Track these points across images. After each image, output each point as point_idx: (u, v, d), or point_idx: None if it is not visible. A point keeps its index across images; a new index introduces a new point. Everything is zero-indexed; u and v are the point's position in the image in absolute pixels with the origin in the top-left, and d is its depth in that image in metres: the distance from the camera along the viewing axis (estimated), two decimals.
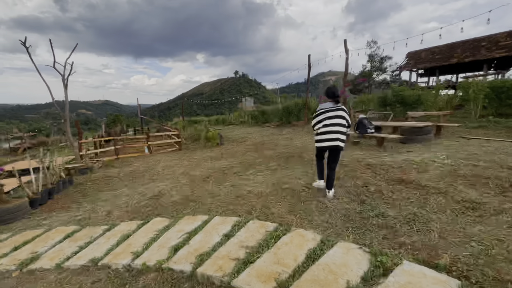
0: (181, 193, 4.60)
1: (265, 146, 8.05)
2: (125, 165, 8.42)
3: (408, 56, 25.77)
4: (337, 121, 3.47)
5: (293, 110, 13.66)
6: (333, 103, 3.53)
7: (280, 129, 12.38)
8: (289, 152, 6.44)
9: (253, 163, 5.96)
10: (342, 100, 9.46)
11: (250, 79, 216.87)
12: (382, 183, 3.51)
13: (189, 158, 8.31)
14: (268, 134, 10.82)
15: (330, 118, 3.49)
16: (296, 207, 3.26)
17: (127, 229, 3.33)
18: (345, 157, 5.05)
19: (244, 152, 7.69)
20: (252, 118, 18.27)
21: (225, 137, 11.98)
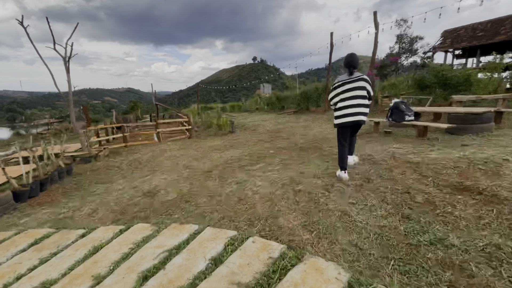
0: (178, 190, 3.96)
1: (279, 135, 7.20)
2: (131, 154, 7.98)
3: (443, 35, 23.11)
4: (357, 93, 3.13)
5: (311, 96, 12.57)
6: (349, 74, 3.21)
7: (297, 116, 11.39)
8: (305, 142, 5.56)
9: (264, 155, 5.17)
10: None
11: (268, 65, 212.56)
12: (433, 190, 2.57)
13: (197, 147, 7.69)
14: (283, 122, 9.92)
15: (348, 90, 3.17)
16: (312, 218, 2.45)
17: (102, 238, 2.71)
18: (377, 151, 4.10)
19: (256, 142, 6.90)
20: (268, 104, 17.33)
21: (238, 125, 11.23)
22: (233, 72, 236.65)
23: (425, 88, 7.45)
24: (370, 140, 4.89)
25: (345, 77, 3.27)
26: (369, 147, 4.41)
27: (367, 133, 5.63)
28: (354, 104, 3.15)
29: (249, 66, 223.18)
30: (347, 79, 3.23)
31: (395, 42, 34.08)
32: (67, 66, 7.32)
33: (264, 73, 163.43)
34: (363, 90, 3.14)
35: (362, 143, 4.73)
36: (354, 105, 3.15)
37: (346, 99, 3.19)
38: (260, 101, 18.62)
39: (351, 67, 3.21)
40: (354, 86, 3.16)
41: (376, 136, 5.25)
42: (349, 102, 3.17)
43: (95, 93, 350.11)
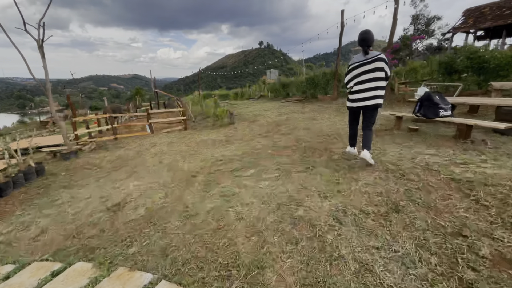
0: (149, 202, 3.19)
1: (281, 128, 6.30)
2: (119, 148, 7.26)
3: (465, 14, 21.15)
4: (375, 75, 2.95)
5: (319, 82, 11.46)
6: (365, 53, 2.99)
7: (303, 105, 10.38)
8: (311, 140, 4.66)
9: (259, 155, 4.32)
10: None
11: (275, 50, 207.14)
12: (505, 235, 1.70)
13: (189, 141, 6.89)
14: (287, 112, 8.96)
15: (366, 72, 2.97)
16: (316, 271, 1.63)
17: (23, 287, 1.98)
18: (403, 157, 3.18)
19: (254, 136, 6.04)
20: (271, 91, 16.27)
21: (238, 114, 10.33)
22: (239, 57, 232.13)
23: (453, 73, 6.31)
24: (392, 141, 3.94)
25: (360, 57, 3.04)
26: (392, 151, 3.46)
27: (387, 129, 4.65)
28: (371, 87, 2.96)
29: (255, 51, 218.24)
30: (364, 60, 2.99)
31: (410, 23, 31.78)
32: (41, 49, 6.46)
33: (271, 58, 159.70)
34: (381, 71, 2.93)
35: (382, 144, 3.82)
36: (371, 88, 2.96)
37: (363, 82, 2.99)
38: (264, 88, 17.54)
39: (365, 46, 2.98)
40: (371, 68, 2.93)
41: (399, 135, 4.20)
42: (366, 85, 2.98)
43: (102, 80, 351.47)
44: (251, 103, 15.60)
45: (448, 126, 4.14)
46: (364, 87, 3.01)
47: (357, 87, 3.07)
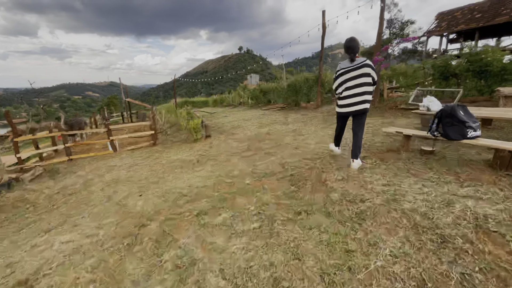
0: (62, 281, 2.14)
1: (262, 145, 5.40)
2: (69, 174, 6.02)
3: (438, 18, 21.66)
4: (362, 81, 3.02)
5: (301, 88, 10.76)
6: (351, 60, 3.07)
7: (285, 114, 9.59)
8: (299, 165, 3.76)
9: (235, 187, 3.38)
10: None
11: (255, 55, 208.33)
12: None
13: (155, 163, 5.82)
14: (268, 122, 8.10)
15: (353, 78, 3.05)
16: None
17: None
18: (427, 201, 2.31)
19: (230, 156, 5.09)
20: (252, 98, 15.44)
21: (216, 125, 9.36)
22: (219, 62, 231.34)
23: (450, 78, 5.77)
24: (406, 170, 3.00)
25: (347, 63, 3.14)
26: (412, 189, 2.49)
27: (392, 150, 3.79)
28: (360, 93, 3.05)
29: (235, 56, 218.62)
30: (351, 66, 3.09)
31: (385, 27, 32.59)
32: None
33: (251, 63, 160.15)
34: (368, 77, 3.02)
35: (394, 175, 2.91)
36: (360, 93, 3.05)
37: (351, 88, 3.09)
38: (244, 95, 16.68)
39: (351, 53, 3.07)
40: (358, 74, 3.03)
41: (410, 160, 3.25)
42: (355, 91, 3.07)
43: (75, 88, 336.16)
44: (231, 111, 14.67)
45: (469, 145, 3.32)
46: (352, 92, 3.08)
47: (346, 93, 3.12)
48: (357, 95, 3.05)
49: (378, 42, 6.59)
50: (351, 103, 3.11)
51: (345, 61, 3.18)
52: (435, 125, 2.85)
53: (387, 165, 3.16)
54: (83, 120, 9.25)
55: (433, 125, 2.88)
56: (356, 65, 3.04)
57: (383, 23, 6.27)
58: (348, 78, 3.09)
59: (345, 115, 3.27)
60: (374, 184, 2.64)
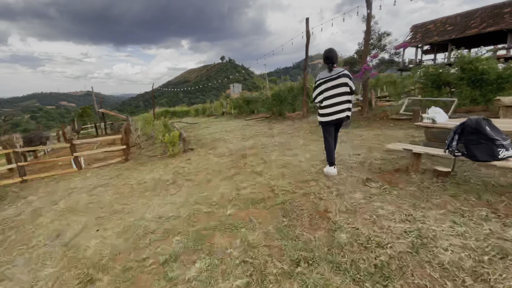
0: None
1: (247, 161, 4.81)
2: (17, 200, 5.07)
3: (413, 30, 22.59)
4: (341, 90, 3.16)
5: (285, 98, 10.39)
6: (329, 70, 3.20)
7: (270, 125, 9.12)
8: (291, 189, 3.18)
9: (214, 223, 2.74)
10: (364, 79, 6.33)
11: (237, 64, 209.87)
12: None
13: (124, 184, 5.05)
14: (252, 134, 7.55)
15: (331, 88, 3.18)
16: None
17: None
18: (465, 247, 1.78)
19: (210, 175, 4.45)
20: (235, 108, 14.90)
21: (195, 138, 8.68)
22: (201, 72, 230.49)
23: (442, 87, 5.56)
24: (426, 199, 2.45)
25: (326, 74, 3.24)
26: (441, 227, 1.99)
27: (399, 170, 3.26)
28: (339, 102, 3.15)
29: (217, 65, 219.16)
30: (329, 76, 3.19)
31: (363, 38, 33.76)
32: None
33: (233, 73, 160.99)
34: (345, 86, 3.12)
35: (412, 205, 2.37)
36: (339, 102, 3.15)
37: (331, 97, 3.18)
38: (227, 105, 16.12)
39: (330, 63, 3.18)
40: (337, 83, 3.13)
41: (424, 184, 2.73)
42: (334, 100, 3.17)
43: (48, 98, 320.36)
44: (213, 121, 14.03)
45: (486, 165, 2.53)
46: (333, 101, 3.17)
47: (326, 102, 3.21)
48: (337, 104, 3.15)
49: (366, 49, 6.35)
50: (332, 111, 3.19)
51: (324, 71, 3.29)
52: (455, 143, 2.41)
53: (399, 191, 2.66)
54: (44, 135, 8.20)
55: (452, 142, 2.44)
56: (335, 75, 3.14)
57: (370, 30, 6.05)
58: (327, 88, 3.18)
59: (329, 123, 3.29)
60: (390, 219, 2.13)
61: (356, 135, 5.85)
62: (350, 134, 5.95)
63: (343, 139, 5.47)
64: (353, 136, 5.77)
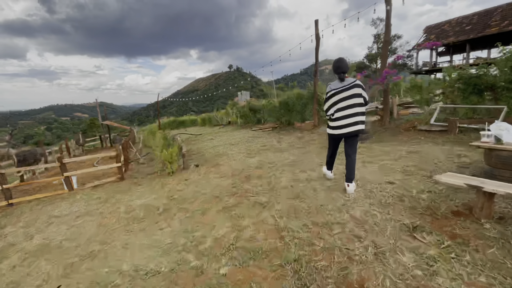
0: None
1: (250, 187, 4.07)
2: None
3: (426, 31, 21.60)
4: (354, 101, 2.96)
5: (294, 106, 9.67)
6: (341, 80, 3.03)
7: (278, 136, 8.39)
8: (306, 237, 2.33)
9: (203, 283, 2.02)
10: (386, 85, 5.54)
11: (245, 72, 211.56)
12: None
13: (112, 210, 4.42)
14: (259, 149, 6.82)
15: (344, 99, 2.98)
16: None
17: None
18: None
19: (206, 205, 3.75)
20: (241, 117, 14.28)
21: (197, 152, 8.04)
22: (209, 81, 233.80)
23: (483, 92, 4.70)
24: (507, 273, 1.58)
25: (337, 84, 3.08)
26: None
27: (458, 214, 2.32)
28: (352, 113, 2.97)
29: (225, 74, 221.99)
30: (341, 87, 3.02)
31: (372, 42, 32.80)
32: None
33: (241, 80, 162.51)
34: (359, 97, 2.96)
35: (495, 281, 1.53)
36: (352, 114, 2.97)
37: (343, 109, 3.00)
38: (233, 114, 15.54)
39: (341, 73, 3.03)
40: (350, 94, 2.96)
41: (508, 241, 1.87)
42: (347, 112, 2.99)
43: (64, 109, 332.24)
44: (218, 131, 13.42)
45: None
46: (345, 113, 2.99)
47: (337, 114, 3.04)
48: (350, 116, 2.98)
49: (385, 51, 5.57)
50: (344, 124, 3.02)
51: (335, 82, 3.12)
52: None
53: (472, 254, 1.77)
54: (39, 152, 7.75)
55: None
56: (347, 86, 2.99)
57: (390, 30, 5.32)
58: (339, 99, 3.01)
59: (337, 137, 3.17)
60: None
61: (382, 152, 4.95)
62: (373, 150, 5.08)
63: (367, 158, 4.65)
64: (378, 153, 4.86)
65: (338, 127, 3.06)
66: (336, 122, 3.07)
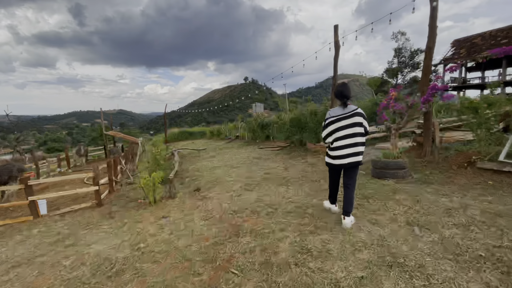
0: None
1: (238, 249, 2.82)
2: None
3: (455, 45, 19.97)
4: (354, 131, 2.82)
5: (307, 124, 8.43)
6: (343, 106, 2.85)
7: (286, 160, 7.12)
8: None
9: None
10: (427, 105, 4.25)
11: (260, 85, 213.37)
12: None
13: (51, 265, 3.31)
14: (261, 179, 5.53)
15: (344, 127, 2.82)
16: None
17: None
18: None
19: (172, 272, 2.54)
20: (249, 132, 13.17)
21: (191, 175, 6.92)
22: (224, 92, 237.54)
23: None
24: None
25: (337, 111, 2.90)
26: None
27: None
28: (351, 144, 2.82)
29: (240, 86, 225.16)
30: (341, 115, 2.85)
31: (393, 56, 31.26)
32: None
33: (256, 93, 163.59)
34: (360, 126, 2.82)
35: None
36: (351, 144, 2.82)
37: (343, 138, 2.84)
38: (240, 128, 14.48)
39: (344, 98, 2.86)
40: (351, 123, 2.81)
41: None
42: (346, 141, 2.83)
43: (85, 116, 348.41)
44: (223, 147, 12.34)
45: None
46: (344, 143, 2.84)
47: (337, 143, 2.89)
48: (350, 146, 2.82)
49: (429, 61, 4.29)
50: (344, 154, 2.86)
51: (336, 108, 2.95)
52: None
53: None
54: (17, 167, 6.90)
55: None
56: (348, 113, 2.83)
57: (435, 32, 4.06)
58: (339, 127, 2.84)
59: (337, 167, 3.00)
60: None
61: (436, 205, 3.22)
62: (423, 200, 3.42)
63: (415, 215, 3.11)
64: (431, 208, 3.18)
65: (338, 157, 2.89)
66: (335, 152, 2.90)
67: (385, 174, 4.03)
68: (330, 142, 2.95)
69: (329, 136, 2.94)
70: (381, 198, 3.51)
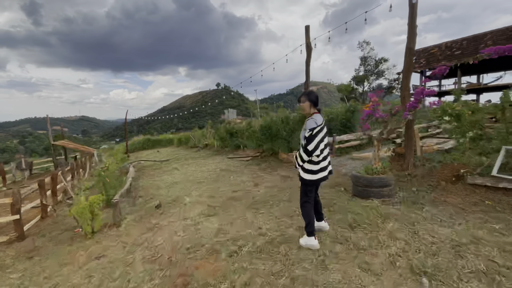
0: None
1: None
2: None
3: (416, 55, 21.13)
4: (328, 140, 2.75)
5: (279, 132, 7.84)
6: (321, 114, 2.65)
7: (257, 173, 6.41)
8: None
9: None
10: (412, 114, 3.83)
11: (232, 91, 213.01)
12: None
13: None
14: (226, 198, 4.73)
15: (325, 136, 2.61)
16: None
17: None
18: None
19: None
20: (219, 140, 12.32)
21: (147, 193, 5.90)
22: (196, 98, 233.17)
23: None
24: None
25: (320, 118, 2.58)
26: None
27: None
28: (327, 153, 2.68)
29: (212, 91, 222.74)
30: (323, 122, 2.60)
31: (359, 64, 32.57)
32: None
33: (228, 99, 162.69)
34: None
35: None
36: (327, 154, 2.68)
37: (325, 147, 2.63)
38: (210, 136, 13.56)
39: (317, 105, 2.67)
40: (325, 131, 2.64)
41: None
42: (326, 151, 2.66)
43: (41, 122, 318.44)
44: (189, 157, 11.30)
45: None
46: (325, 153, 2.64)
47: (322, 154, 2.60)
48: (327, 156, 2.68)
49: (410, 62, 3.90)
50: (326, 165, 2.65)
51: (318, 115, 2.60)
52: None
53: None
54: None
55: None
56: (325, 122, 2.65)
57: (415, 31, 3.69)
58: (324, 136, 2.58)
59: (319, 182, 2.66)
60: None
61: (445, 241, 2.56)
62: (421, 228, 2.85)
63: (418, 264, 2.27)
64: (437, 243, 2.54)
65: (322, 169, 2.62)
66: (319, 165, 2.61)
67: (368, 193, 3.49)
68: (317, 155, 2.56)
69: (317, 147, 2.49)
70: (369, 228, 2.87)
